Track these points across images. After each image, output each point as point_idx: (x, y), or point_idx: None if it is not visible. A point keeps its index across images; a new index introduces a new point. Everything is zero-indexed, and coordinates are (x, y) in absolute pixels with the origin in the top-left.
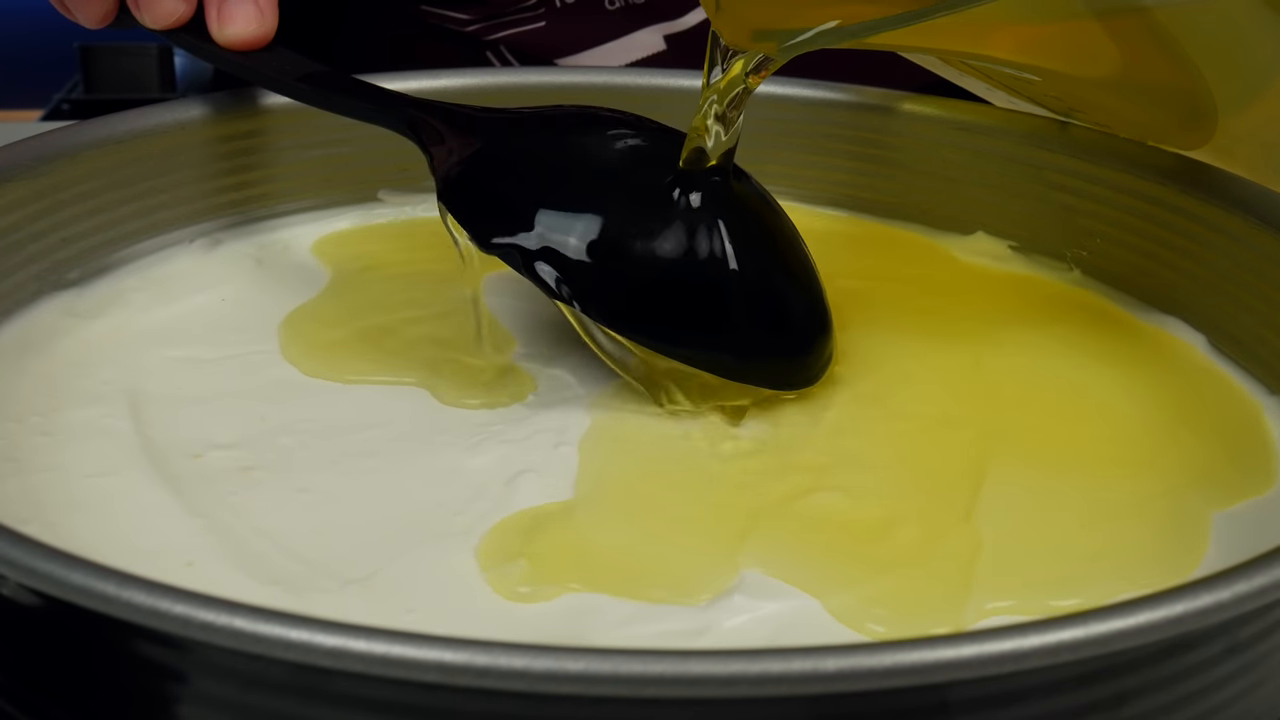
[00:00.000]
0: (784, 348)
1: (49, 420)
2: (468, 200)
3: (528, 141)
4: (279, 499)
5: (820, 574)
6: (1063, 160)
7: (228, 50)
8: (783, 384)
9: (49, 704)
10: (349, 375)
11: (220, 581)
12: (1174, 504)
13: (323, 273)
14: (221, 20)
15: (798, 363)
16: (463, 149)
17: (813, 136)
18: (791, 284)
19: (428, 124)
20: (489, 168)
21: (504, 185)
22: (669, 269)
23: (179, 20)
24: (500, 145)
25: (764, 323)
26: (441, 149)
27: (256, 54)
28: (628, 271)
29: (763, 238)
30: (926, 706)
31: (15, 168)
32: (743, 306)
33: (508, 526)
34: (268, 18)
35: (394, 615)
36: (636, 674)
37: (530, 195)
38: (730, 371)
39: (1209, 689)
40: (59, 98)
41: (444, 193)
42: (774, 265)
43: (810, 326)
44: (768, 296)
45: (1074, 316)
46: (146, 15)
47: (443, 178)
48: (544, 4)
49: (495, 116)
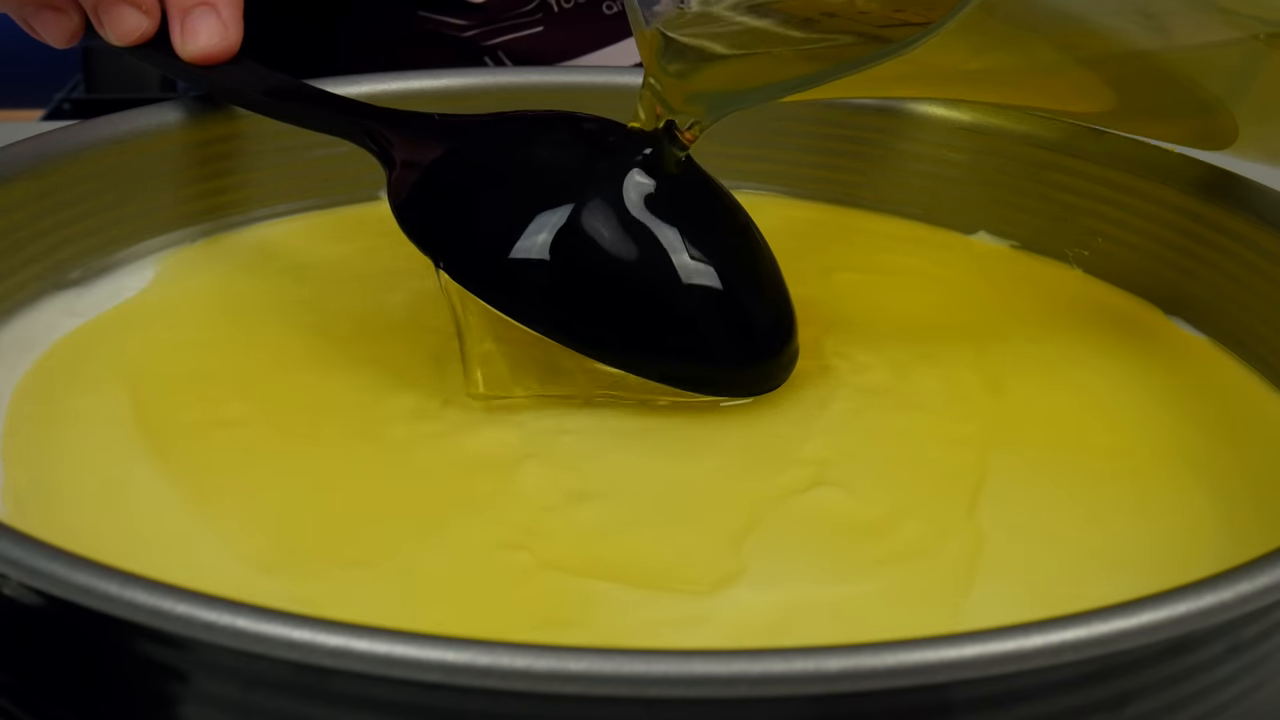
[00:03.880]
0: (738, 353)
1: (48, 408)
2: (419, 217)
3: (483, 151)
4: (279, 481)
5: (822, 567)
6: (1064, 160)
7: (193, 65)
8: (739, 390)
9: (50, 703)
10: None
11: (220, 566)
12: (1177, 501)
13: (325, 269)
14: (185, 35)
15: (755, 369)
16: (418, 162)
17: (813, 136)
18: (742, 283)
19: (385, 136)
20: (441, 182)
21: (455, 201)
22: (608, 272)
23: (143, 36)
24: (456, 157)
25: (715, 326)
26: (396, 165)
27: (222, 67)
28: (568, 278)
29: (711, 235)
30: (928, 706)
31: (16, 167)
32: (686, 307)
33: (510, 513)
34: (231, 31)
35: (395, 600)
36: (639, 674)
37: (480, 211)
38: (681, 381)
39: (1211, 689)
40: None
41: (397, 212)
42: (724, 263)
43: (765, 330)
44: (712, 293)
45: (1078, 311)
46: (110, 33)
47: (394, 197)
48: (541, 9)
49: (454, 124)
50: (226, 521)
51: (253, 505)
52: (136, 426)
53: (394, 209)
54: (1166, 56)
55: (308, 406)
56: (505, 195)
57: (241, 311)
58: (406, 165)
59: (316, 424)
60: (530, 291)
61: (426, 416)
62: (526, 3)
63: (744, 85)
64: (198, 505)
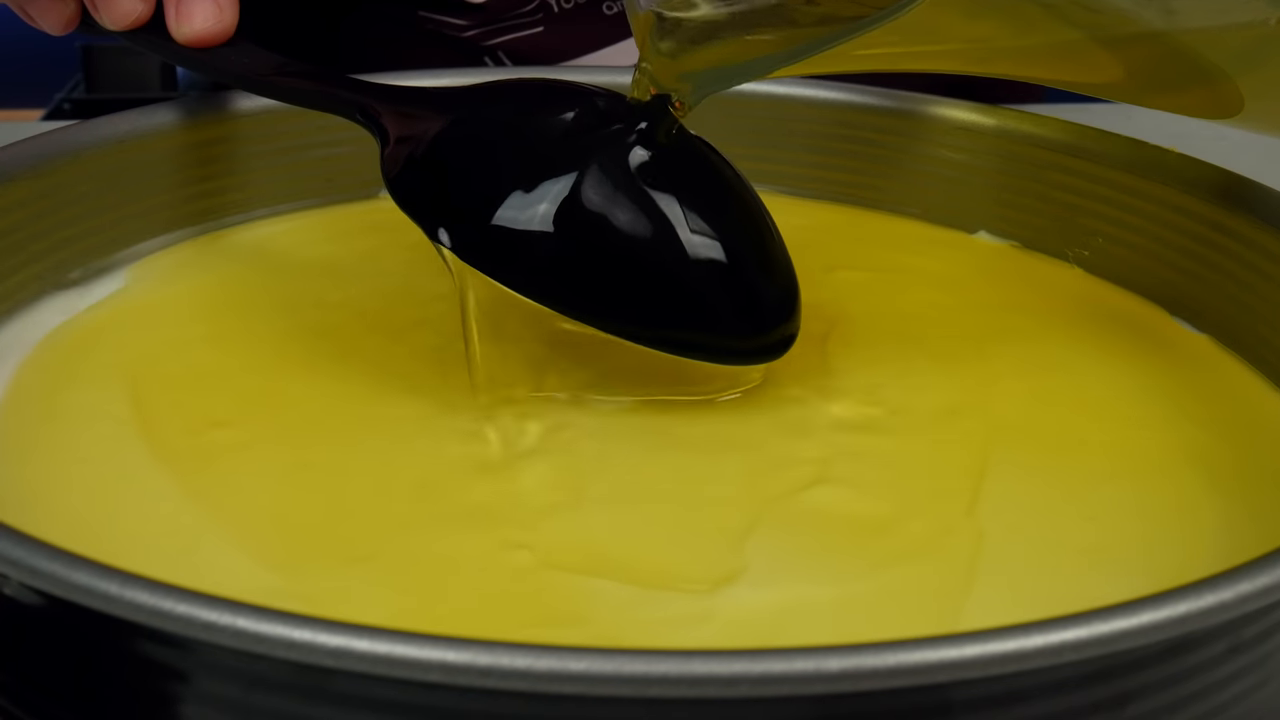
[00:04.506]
0: (741, 318)
1: (48, 404)
2: (413, 189)
3: (477, 122)
4: (280, 477)
5: (823, 566)
6: (1064, 160)
7: (188, 48)
8: (742, 356)
9: (50, 703)
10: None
11: (221, 563)
12: (1178, 500)
13: (326, 268)
14: (180, 18)
15: (758, 337)
16: (412, 136)
17: (813, 136)
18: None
19: (377, 109)
20: (435, 154)
21: (450, 172)
22: (605, 239)
23: (138, 20)
24: (450, 129)
25: (718, 289)
26: (390, 139)
27: (218, 50)
28: (566, 246)
29: (709, 197)
30: (928, 706)
31: (16, 167)
32: (687, 271)
33: (511, 511)
34: (227, 13)
35: (395, 597)
36: (639, 674)
37: (475, 180)
38: (683, 347)
39: (1212, 689)
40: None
41: (390, 184)
42: (725, 229)
43: (768, 295)
44: (716, 259)
45: (1078, 310)
46: (106, 17)
47: (387, 171)
48: (542, 9)
49: (448, 97)
50: (226, 518)
51: (253, 502)
52: (136, 424)
53: (387, 182)
54: (1173, 35)
55: (308, 405)
56: (501, 164)
57: (242, 310)
58: (400, 140)
59: (316, 422)
60: (529, 260)
61: (427, 414)
62: (527, 3)
63: (734, 60)
64: (198, 502)
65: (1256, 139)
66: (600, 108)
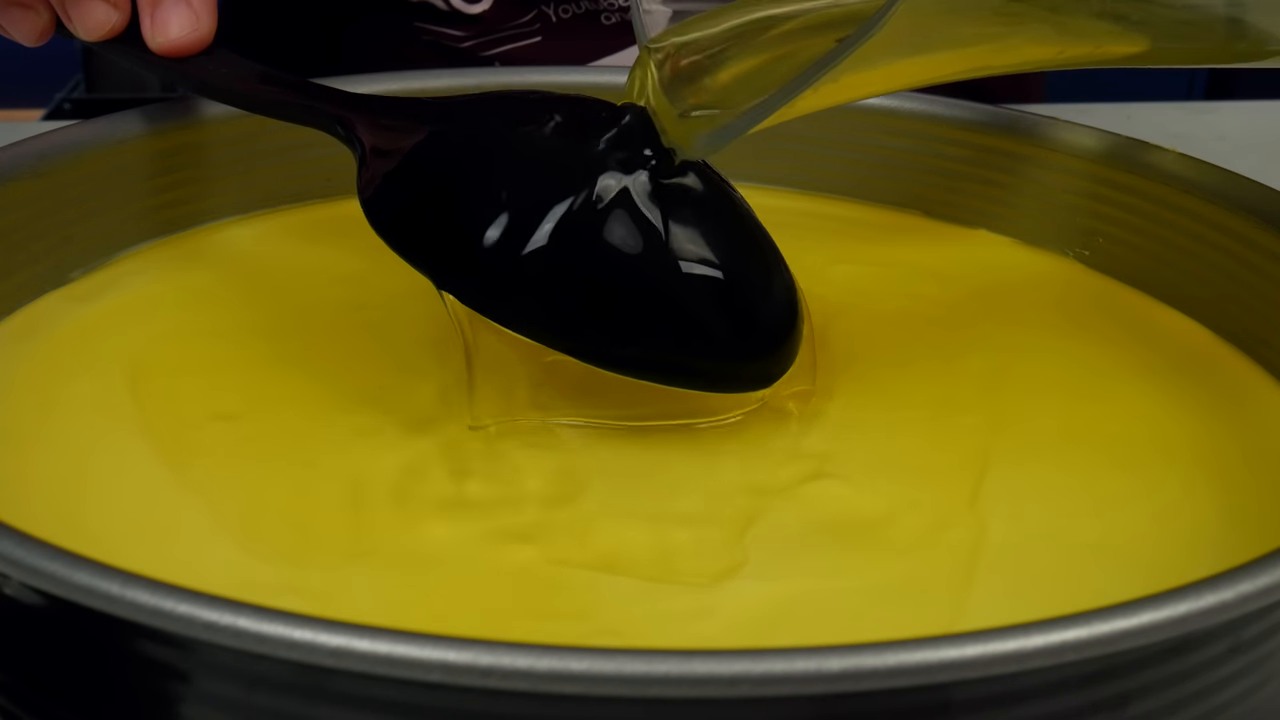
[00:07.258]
0: (741, 348)
1: (47, 396)
2: (391, 214)
3: (460, 140)
4: (279, 471)
5: (824, 560)
6: (1064, 159)
7: (164, 58)
8: (738, 384)
9: (50, 703)
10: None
11: (221, 557)
12: (1180, 493)
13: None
14: (155, 27)
15: (756, 362)
16: (390, 150)
17: (813, 136)
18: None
19: (351, 121)
20: (415, 174)
21: (429, 201)
22: (599, 278)
23: (113, 30)
24: (430, 146)
25: (718, 322)
26: (366, 153)
27: (195, 59)
28: (557, 284)
29: (707, 224)
30: (929, 706)
31: (16, 167)
32: (686, 307)
33: (512, 505)
34: (203, 21)
35: (396, 591)
36: (640, 674)
37: (457, 213)
38: (678, 381)
39: (1213, 688)
40: (61, 97)
41: (366, 207)
42: (726, 259)
43: (767, 324)
44: (714, 289)
45: (1078, 305)
46: (79, 28)
47: (362, 191)
48: (539, 20)
49: (430, 108)
50: (226, 512)
51: (253, 496)
52: (135, 416)
53: (363, 204)
54: None
55: (307, 400)
56: (486, 190)
57: (242, 306)
58: (377, 153)
59: (316, 416)
60: (519, 297)
61: (427, 410)
62: (524, 14)
63: (741, 108)
64: (197, 496)
65: (1257, 139)
66: (586, 120)
